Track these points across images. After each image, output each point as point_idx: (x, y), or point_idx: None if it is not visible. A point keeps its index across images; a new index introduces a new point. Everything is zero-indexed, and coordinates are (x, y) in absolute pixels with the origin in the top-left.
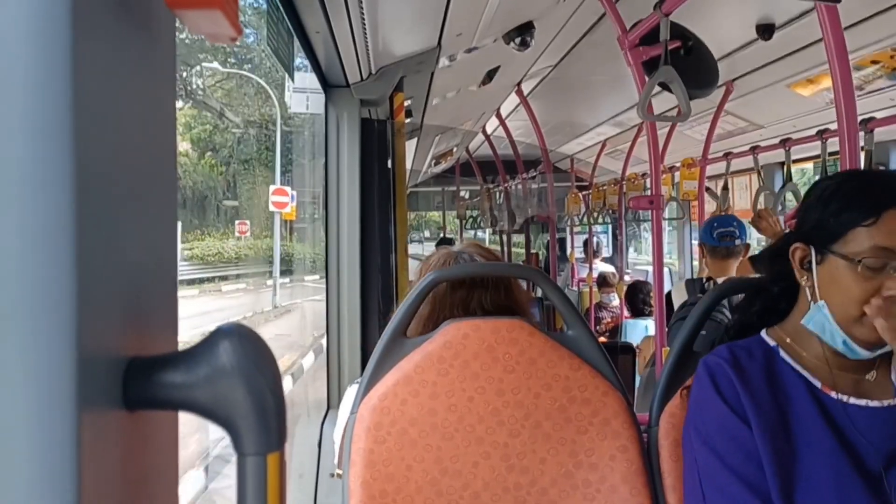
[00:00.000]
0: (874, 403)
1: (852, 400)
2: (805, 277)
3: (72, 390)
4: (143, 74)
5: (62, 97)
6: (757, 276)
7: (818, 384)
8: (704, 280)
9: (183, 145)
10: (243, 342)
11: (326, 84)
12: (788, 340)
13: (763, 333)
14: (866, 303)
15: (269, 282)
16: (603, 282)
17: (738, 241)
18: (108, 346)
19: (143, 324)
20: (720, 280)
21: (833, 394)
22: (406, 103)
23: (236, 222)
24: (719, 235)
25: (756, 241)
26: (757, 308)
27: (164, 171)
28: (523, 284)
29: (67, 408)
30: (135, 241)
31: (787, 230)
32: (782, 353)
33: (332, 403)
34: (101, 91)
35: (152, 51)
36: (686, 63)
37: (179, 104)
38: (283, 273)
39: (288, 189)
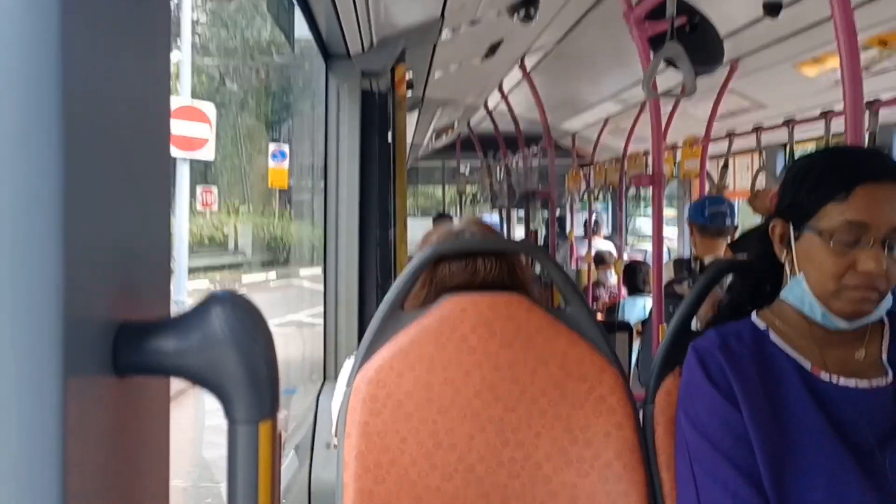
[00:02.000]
0: (864, 384)
1: (842, 381)
2: (784, 253)
3: (58, 354)
4: (137, 42)
5: (50, 62)
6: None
7: (808, 366)
8: (692, 260)
9: None
10: (237, 309)
11: (327, 53)
12: (778, 323)
13: (753, 316)
14: (842, 277)
15: (248, 278)
16: (600, 260)
17: (728, 221)
18: (98, 309)
19: (135, 289)
20: (707, 259)
21: (823, 375)
22: (408, 75)
23: (198, 189)
24: (711, 214)
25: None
26: (745, 287)
27: (157, 135)
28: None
29: (53, 372)
30: (127, 205)
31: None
32: (773, 336)
33: (328, 375)
34: (92, 56)
35: (147, 19)
36: (691, 40)
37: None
38: (263, 265)
39: (207, 110)
